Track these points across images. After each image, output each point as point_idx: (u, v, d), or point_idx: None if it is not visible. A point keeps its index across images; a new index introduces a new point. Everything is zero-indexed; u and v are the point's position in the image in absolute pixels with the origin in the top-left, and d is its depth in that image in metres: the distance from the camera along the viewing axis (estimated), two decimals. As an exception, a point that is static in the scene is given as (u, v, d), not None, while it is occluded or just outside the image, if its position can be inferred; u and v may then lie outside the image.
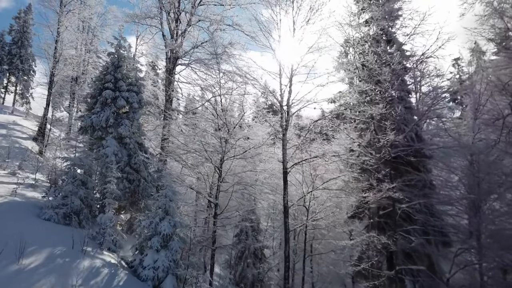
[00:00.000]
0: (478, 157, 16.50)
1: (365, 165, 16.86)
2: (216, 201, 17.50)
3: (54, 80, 30.27)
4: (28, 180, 20.18)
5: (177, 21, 24.51)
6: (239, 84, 19.34)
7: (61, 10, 30.67)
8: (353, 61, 20.12)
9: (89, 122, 19.43)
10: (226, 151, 17.68)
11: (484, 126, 18.96)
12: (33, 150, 28.05)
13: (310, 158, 17.34)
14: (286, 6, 18.47)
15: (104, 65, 21.11)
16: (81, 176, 15.77)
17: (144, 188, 19.70)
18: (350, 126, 18.90)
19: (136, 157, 19.70)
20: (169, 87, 23.84)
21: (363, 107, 16.40)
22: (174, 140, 25.31)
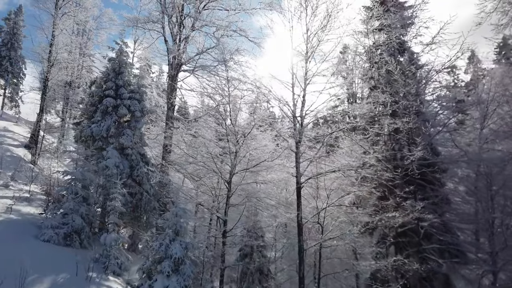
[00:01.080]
0: (491, 169, 15.84)
1: (382, 180, 16.01)
2: (225, 218, 16.47)
3: (48, 85, 28.93)
4: (22, 193, 19.00)
5: (180, 25, 23.53)
6: (247, 93, 18.40)
7: (56, 12, 29.41)
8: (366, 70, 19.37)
9: (88, 132, 18.31)
10: (236, 163, 16.69)
11: (492, 137, 18.45)
12: (26, 159, 26.71)
13: (326, 172, 16.46)
14: (299, 12, 17.64)
15: (104, 71, 20.02)
16: (82, 191, 14.67)
17: (146, 202, 18.62)
18: (362, 138, 18.08)
19: (138, 169, 18.62)
20: (172, 95, 22.79)
21: (386, 119, 15.56)
22: (177, 150, 24.42)
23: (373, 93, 17.63)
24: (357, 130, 17.89)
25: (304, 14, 17.67)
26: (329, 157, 17.27)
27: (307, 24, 17.52)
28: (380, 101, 16.35)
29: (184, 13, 23.43)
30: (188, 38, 23.20)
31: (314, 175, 16.51)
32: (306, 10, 17.61)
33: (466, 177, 18.15)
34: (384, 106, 16.11)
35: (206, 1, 23.04)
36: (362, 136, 17.83)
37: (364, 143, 17.75)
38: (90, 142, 18.73)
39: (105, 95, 19.11)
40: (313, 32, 17.12)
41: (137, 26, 23.59)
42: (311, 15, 17.40)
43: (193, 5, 23.21)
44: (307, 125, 17.23)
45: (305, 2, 17.64)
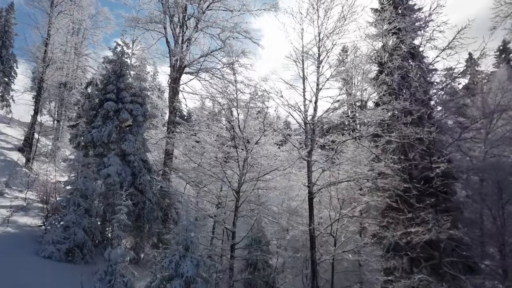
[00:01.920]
0: (500, 176, 15.28)
1: (399, 191, 15.37)
2: (234, 229, 15.68)
3: (44, 86, 27.88)
4: (17, 201, 18.09)
5: (183, 26, 22.70)
6: (255, 97, 17.65)
7: (52, 10, 28.40)
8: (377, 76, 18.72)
9: (89, 138, 17.42)
10: (246, 172, 15.92)
11: (498, 142, 17.98)
12: (20, 163, 25.66)
13: (339, 181, 15.76)
14: (311, 14, 16.93)
15: (105, 73, 19.11)
16: (84, 202, 13.80)
17: (149, 211, 17.76)
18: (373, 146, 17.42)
19: (141, 177, 17.76)
20: (174, 98, 21.96)
21: (406, 128, 14.87)
22: (180, 155, 23.60)
23: (384, 98, 16.97)
24: (366, 137, 17.20)
25: (316, 16, 16.98)
26: (342, 165, 16.49)
27: (319, 26, 16.83)
28: (397, 108, 15.73)
29: (187, 13, 22.60)
30: (191, 39, 22.37)
31: (326, 184, 15.77)
32: (318, 12, 16.90)
33: (476, 185, 17.67)
34: (404, 115, 15.41)
35: (210, 1, 22.23)
36: (373, 143, 17.19)
37: (375, 151, 17.14)
38: (90, 148, 17.87)
39: (106, 99, 18.22)
40: (325, 35, 16.43)
41: (138, 27, 22.59)
42: (323, 17, 16.70)
43: (197, 5, 22.37)
44: (320, 132, 16.50)
45: (316, 4, 16.95)
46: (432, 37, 18.62)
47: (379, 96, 18.18)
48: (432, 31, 18.51)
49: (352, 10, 15.93)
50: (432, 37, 18.69)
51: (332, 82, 16.27)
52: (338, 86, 26.14)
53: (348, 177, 15.81)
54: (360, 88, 23.63)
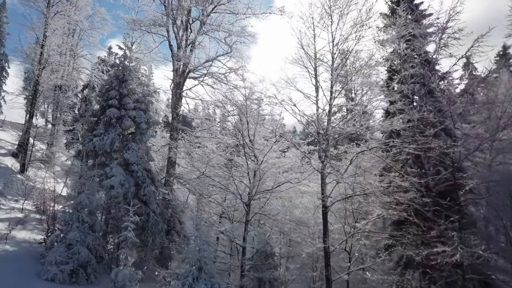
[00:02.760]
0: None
1: (416, 204, 14.75)
2: (244, 245, 14.91)
3: (39, 89, 26.83)
4: (14, 212, 17.19)
5: (187, 29, 21.91)
6: (265, 105, 16.97)
7: (48, 11, 27.39)
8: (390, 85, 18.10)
9: (91, 147, 16.53)
10: (258, 185, 15.19)
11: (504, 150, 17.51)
12: (14, 169, 24.67)
13: (356, 195, 15.10)
14: (324, 18, 16.28)
15: (107, 79, 18.25)
16: (88, 218, 12.96)
17: (153, 223, 16.92)
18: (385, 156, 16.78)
19: (145, 188, 16.93)
20: (178, 104, 21.16)
21: (431, 141, 14.25)
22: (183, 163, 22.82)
23: (396, 106, 16.33)
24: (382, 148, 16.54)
25: (329, 21, 16.34)
26: (356, 177, 15.82)
27: (333, 32, 16.19)
28: (414, 118, 15.14)
29: (191, 16, 21.83)
30: (195, 43, 21.59)
31: (342, 197, 15.10)
32: (331, 17, 16.27)
33: (487, 196, 17.14)
34: (424, 125, 14.80)
35: (215, 3, 21.46)
36: (385, 153, 16.55)
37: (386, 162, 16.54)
38: (91, 157, 17.02)
39: (108, 105, 17.36)
40: (340, 41, 15.79)
41: (141, 30, 21.73)
42: (337, 22, 16.06)
43: (201, 8, 21.58)
44: (333, 143, 15.82)
45: (329, 9, 16.32)
46: (447, 44, 18.14)
47: (391, 104, 17.53)
48: (447, 37, 18.02)
49: (369, 15, 15.34)
50: (446, 44, 18.20)
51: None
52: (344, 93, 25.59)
53: (363, 190, 15.13)
54: (361, 92, 23.06)
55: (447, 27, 17.17)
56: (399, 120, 15.30)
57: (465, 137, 16.25)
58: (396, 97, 16.61)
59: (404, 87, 16.55)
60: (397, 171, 16.03)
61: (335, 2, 16.09)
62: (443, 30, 17.01)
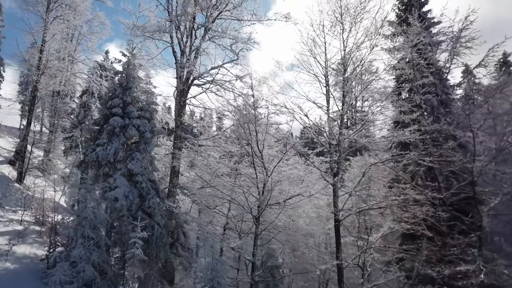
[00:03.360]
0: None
1: (431, 219, 14.30)
2: (254, 260, 14.37)
3: (38, 96, 26.15)
4: (13, 224, 16.55)
5: (191, 36, 21.43)
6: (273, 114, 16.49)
7: (47, 15, 26.79)
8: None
9: (93, 157, 15.95)
10: (269, 197, 14.69)
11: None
12: (11, 177, 23.97)
13: (370, 208, 14.64)
14: (336, 26, 15.90)
15: (110, 86, 17.71)
16: (93, 233, 12.37)
17: (158, 236, 16.31)
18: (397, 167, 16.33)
19: (150, 199, 16.35)
20: (181, 111, 20.63)
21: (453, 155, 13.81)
22: (187, 172, 22.33)
23: (405, 116, 15.91)
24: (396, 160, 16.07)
25: (340, 28, 15.96)
26: (370, 189, 15.37)
27: (345, 40, 15.80)
28: (427, 129, 14.74)
29: (196, 22, 21.35)
30: (199, 50, 21.09)
31: (356, 211, 14.62)
32: (342, 25, 15.89)
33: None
34: (444, 138, 14.39)
35: (220, 9, 21.01)
36: (395, 164, 16.12)
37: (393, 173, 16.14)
38: (94, 167, 16.43)
39: (111, 114, 16.80)
40: (353, 50, 15.39)
41: (144, 36, 21.20)
42: (349, 30, 15.67)
43: (206, 14, 21.12)
44: (346, 154, 15.35)
45: (340, 16, 15.95)
46: (459, 53, 17.80)
47: (400, 113, 17.08)
48: (458, 46, 17.67)
49: (383, 24, 14.97)
50: (458, 53, 17.86)
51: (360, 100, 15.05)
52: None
53: (378, 203, 14.66)
54: (370, 102, 22.69)
55: (461, 36, 16.85)
56: (414, 131, 14.87)
57: (487, 150, 15.84)
58: (407, 107, 16.21)
59: (417, 97, 16.15)
60: (411, 184, 15.59)
61: (347, 10, 15.73)
62: (457, 39, 16.64)
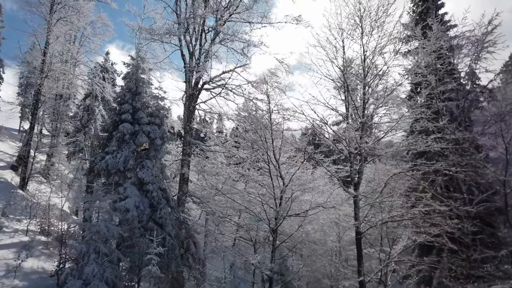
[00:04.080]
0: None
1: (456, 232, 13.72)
2: (272, 275, 13.72)
3: (41, 99, 25.48)
4: (18, 235, 15.91)
5: (201, 39, 20.81)
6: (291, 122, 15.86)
7: (51, 17, 26.16)
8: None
9: (103, 165, 15.31)
10: (288, 208, 14.07)
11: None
12: (14, 183, 23.31)
13: (393, 220, 14.02)
14: (355, 30, 15.31)
15: (120, 92, 17.07)
16: (106, 248, 11.73)
17: (170, 248, 15.66)
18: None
19: (161, 209, 15.71)
20: (191, 117, 20.00)
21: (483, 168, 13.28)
22: (196, 179, 21.73)
23: (419, 123, 15.30)
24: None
25: (360, 32, 15.36)
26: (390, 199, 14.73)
27: (364, 45, 15.19)
28: (453, 137, 14.17)
29: (206, 25, 20.74)
30: (209, 53, 20.47)
31: (379, 222, 13.98)
32: (362, 29, 15.28)
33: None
34: (475, 148, 13.83)
35: (231, 11, 20.40)
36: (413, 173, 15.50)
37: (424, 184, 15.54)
38: (103, 176, 15.82)
39: (121, 120, 16.19)
40: (375, 54, 14.79)
41: (153, 39, 20.56)
42: (370, 34, 15.06)
43: (215, 16, 20.51)
44: (368, 163, 14.73)
45: (359, 19, 15.34)
46: (480, 57, 17.25)
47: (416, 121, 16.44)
48: (480, 51, 17.12)
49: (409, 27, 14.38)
50: (478, 58, 17.32)
51: (383, 107, 14.47)
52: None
53: (401, 215, 14.03)
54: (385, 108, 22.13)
55: (485, 41, 16.28)
56: (439, 140, 14.27)
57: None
58: (427, 113, 15.58)
59: (440, 104, 15.58)
60: (434, 193, 15.04)
61: (368, 12, 15.14)
62: (482, 44, 16.07)
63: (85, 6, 29.22)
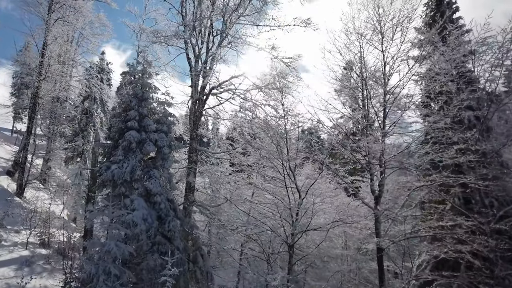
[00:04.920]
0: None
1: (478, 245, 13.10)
2: (289, 294, 13.01)
3: (39, 102, 24.49)
4: (18, 249, 15.05)
5: (208, 42, 20.04)
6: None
7: (49, 17, 25.19)
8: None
9: (109, 176, 14.49)
10: (309, 223, 13.37)
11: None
12: (10, 190, 22.34)
13: (418, 236, 13.37)
14: (374, 34, 14.68)
15: (126, 98, 16.23)
16: (116, 269, 10.91)
17: (178, 263, 14.87)
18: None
19: (170, 222, 14.90)
20: (198, 123, 19.21)
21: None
22: (202, 187, 20.97)
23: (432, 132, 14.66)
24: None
25: (379, 37, 14.72)
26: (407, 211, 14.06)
27: (384, 51, 14.53)
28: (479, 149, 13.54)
29: (214, 28, 19.97)
30: (217, 56, 19.71)
31: (402, 237, 13.30)
32: (381, 34, 14.63)
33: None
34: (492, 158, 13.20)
35: (239, 14, 19.65)
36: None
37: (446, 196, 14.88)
38: (110, 186, 14.98)
39: (127, 127, 15.38)
40: (396, 59, 14.14)
41: (160, 42, 19.76)
42: (391, 39, 14.42)
43: (223, 18, 19.73)
44: (388, 175, 14.04)
45: (378, 24, 14.71)
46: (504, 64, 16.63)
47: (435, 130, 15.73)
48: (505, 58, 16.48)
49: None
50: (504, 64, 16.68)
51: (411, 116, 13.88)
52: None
53: (426, 230, 13.36)
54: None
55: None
56: (464, 151, 13.64)
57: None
58: (446, 121, 14.90)
59: (465, 114, 14.95)
60: (456, 206, 14.39)
61: (387, 17, 14.50)
62: (507, 51, 15.42)
63: (84, 6, 28.34)
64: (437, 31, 15.72)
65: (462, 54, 15.01)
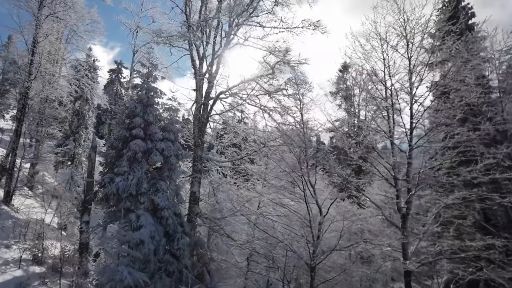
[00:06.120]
0: None
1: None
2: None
3: (29, 103, 22.93)
4: (10, 269, 13.73)
5: (214, 44, 18.94)
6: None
7: (40, 13, 23.63)
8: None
9: (113, 189, 13.26)
10: (327, 245, 12.44)
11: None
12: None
13: (449, 258, 12.53)
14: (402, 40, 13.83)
15: (130, 103, 14.99)
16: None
17: (186, 283, 13.79)
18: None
19: (179, 240, 13.77)
20: (203, 129, 18.09)
21: None
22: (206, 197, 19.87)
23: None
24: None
25: (404, 42, 13.87)
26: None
27: (410, 58, 13.68)
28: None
29: (221, 29, 18.88)
30: (223, 59, 18.64)
31: (431, 259, 12.45)
32: (407, 39, 13.77)
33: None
34: None
35: (246, 16, 18.55)
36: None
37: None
38: (113, 200, 13.78)
39: (132, 136, 14.17)
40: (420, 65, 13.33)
41: (164, 42, 18.53)
42: (418, 45, 13.58)
43: (230, 19, 18.63)
44: (415, 193, 13.12)
45: (404, 29, 13.85)
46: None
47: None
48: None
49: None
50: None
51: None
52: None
53: (451, 251, 12.56)
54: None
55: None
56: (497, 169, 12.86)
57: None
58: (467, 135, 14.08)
59: (491, 128, 14.16)
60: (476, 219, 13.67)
61: (413, 22, 13.67)
62: None
63: (77, 1, 26.80)
64: (456, 38, 14.96)
65: (478, 63, 14.31)
